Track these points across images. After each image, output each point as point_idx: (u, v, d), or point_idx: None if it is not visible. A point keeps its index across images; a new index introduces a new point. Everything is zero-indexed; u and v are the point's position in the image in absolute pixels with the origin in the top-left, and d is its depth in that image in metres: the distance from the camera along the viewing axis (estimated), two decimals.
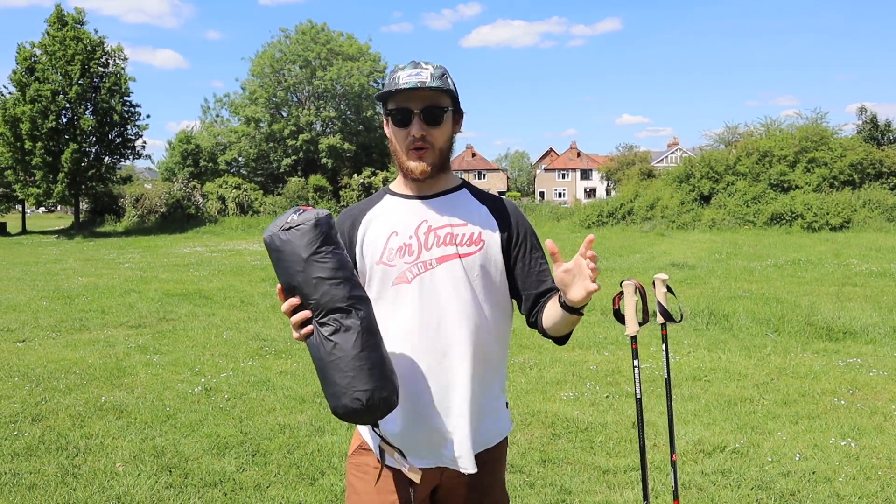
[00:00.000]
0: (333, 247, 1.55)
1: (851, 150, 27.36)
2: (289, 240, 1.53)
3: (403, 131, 1.78)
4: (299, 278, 1.52)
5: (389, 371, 1.58)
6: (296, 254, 1.52)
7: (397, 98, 1.77)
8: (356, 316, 1.53)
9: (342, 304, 1.52)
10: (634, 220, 28.91)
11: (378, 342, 1.57)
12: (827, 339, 7.54)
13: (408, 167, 1.80)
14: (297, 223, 1.54)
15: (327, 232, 1.55)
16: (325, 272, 1.52)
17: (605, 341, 7.57)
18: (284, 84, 48.06)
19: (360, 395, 1.52)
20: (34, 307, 10.33)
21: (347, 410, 1.54)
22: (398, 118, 1.78)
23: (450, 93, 1.80)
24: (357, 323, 1.53)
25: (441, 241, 1.81)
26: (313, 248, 1.52)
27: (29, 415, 5.22)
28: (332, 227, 1.57)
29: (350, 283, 1.55)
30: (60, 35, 31.89)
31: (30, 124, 30.65)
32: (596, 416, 5.08)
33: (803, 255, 15.77)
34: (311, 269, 1.51)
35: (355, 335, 1.52)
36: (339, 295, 1.52)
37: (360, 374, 1.52)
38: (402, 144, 1.80)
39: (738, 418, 5.02)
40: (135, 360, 6.98)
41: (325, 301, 1.52)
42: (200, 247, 23.68)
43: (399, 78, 1.76)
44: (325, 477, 4.07)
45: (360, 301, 1.56)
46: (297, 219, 1.54)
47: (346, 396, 1.53)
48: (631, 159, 48.67)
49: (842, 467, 4.09)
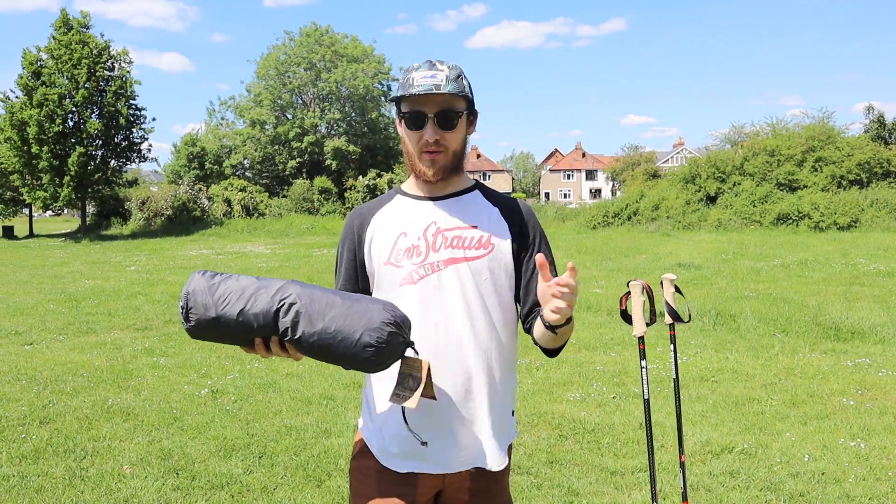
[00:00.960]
0: (221, 286, 1.57)
1: (859, 149, 27.24)
2: (196, 319, 1.57)
3: (417, 134, 1.76)
4: (234, 328, 1.55)
5: (368, 301, 1.59)
6: (210, 319, 1.55)
7: (411, 101, 1.75)
8: (293, 303, 1.54)
9: (275, 305, 1.54)
10: (640, 220, 28.83)
11: (331, 299, 1.56)
12: (835, 340, 7.50)
13: (420, 170, 1.79)
14: (183, 306, 1.58)
15: (204, 286, 1.57)
16: (240, 304, 1.54)
17: (611, 342, 7.55)
18: (289, 86, 48.17)
19: (362, 340, 1.52)
20: (41, 310, 10.36)
21: (374, 359, 1.54)
22: (412, 121, 1.76)
23: (465, 96, 1.77)
24: (298, 305, 1.54)
25: (449, 243, 1.80)
26: (214, 306, 1.55)
27: (36, 417, 5.23)
28: (207, 276, 1.60)
29: (263, 289, 1.56)
30: (66, 39, 32.00)
31: (36, 128, 30.74)
32: (603, 417, 5.06)
33: (810, 255, 15.70)
34: (230, 315, 1.54)
35: (307, 316, 1.53)
36: (264, 304, 1.54)
37: (347, 334, 1.52)
38: (415, 147, 1.78)
39: (746, 419, 4.99)
40: (142, 362, 6.99)
41: (264, 320, 1.54)
42: (206, 249, 23.73)
43: (413, 79, 1.73)
44: (331, 479, 4.06)
45: (283, 289, 1.56)
46: (182, 302, 1.58)
47: (363, 352, 1.53)
48: (636, 160, 48.53)
49: (851, 468, 4.07)
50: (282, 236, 30.61)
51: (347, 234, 1.91)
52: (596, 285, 11.89)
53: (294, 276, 14.31)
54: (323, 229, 32.37)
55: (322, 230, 32.19)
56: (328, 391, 5.78)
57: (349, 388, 5.85)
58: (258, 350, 1.60)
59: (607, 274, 13.63)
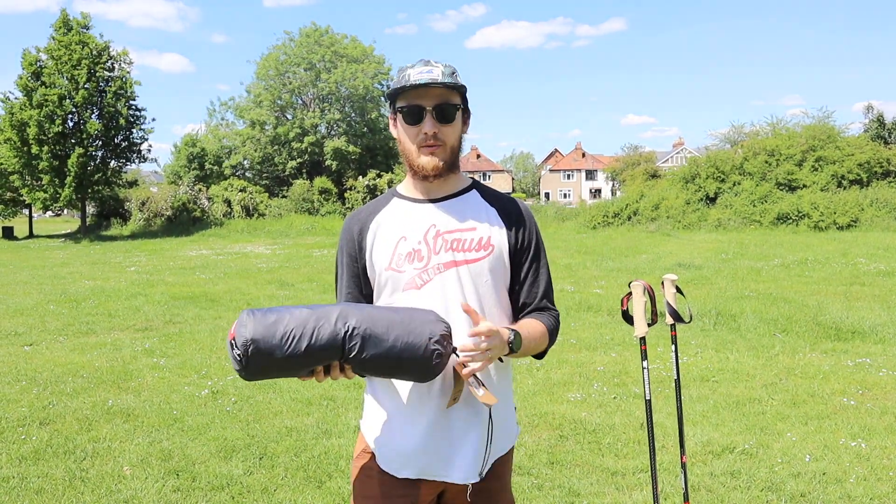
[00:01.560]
0: (279, 325, 1.55)
1: (858, 148, 27.25)
2: (259, 366, 1.55)
3: (415, 129, 1.77)
4: (300, 363, 1.56)
5: (419, 314, 1.63)
6: (276, 360, 1.54)
7: (409, 95, 1.75)
8: (356, 328, 1.56)
9: (340, 333, 1.55)
10: (640, 220, 28.83)
11: (389, 318, 1.59)
12: (835, 339, 7.50)
13: (419, 164, 1.78)
14: (242, 355, 1.55)
15: (262, 330, 1.55)
16: (305, 340, 1.54)
17: (611, 342, 7.54)
18: (289, 87, 48.16)
19: (429, 350, 1.57)
20: (41, 311, 10.36)
21: (436, 365, 1.60)
22: (410, 115, 1.76)
23: (460, 90, 1.78)
24: (361, 330, 1.56)
25: (450, 245, 1.79)
26: (279, 347, 1.53)
27: (36, 418, 5.22)
28: (258, 317, 1.58)
29: (322, 318, 1.56)
30: (66, 40, 31.99)
31: (36, 129, 30.73)
32: (603, 418, 5.06)
33: (810, 255, 15.70)
34: (298, 351, 1.53)
35: (371, 339, 1.55)
36: (328, 335, 1.54)
37: (414, 348, 1.57)
38: (414, 142, 1.78)
39: (746, 419, 4.99)
40: (142, 363, 6.99)
41: (331, 350, 1.55)
42: (206, 249, 23.72)
43: (409, 75, 1.74)
44: (332, 480, 4.06)
45: (343, 316, 1.57)
46: (240, 351, 1.55)
47: (429, 362, 1.58)
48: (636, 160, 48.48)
49: (852, 468, 4.06)
50: (282, 237, 30.60)
51: (347, 241, 1.90)
52: (596, 285, 11.88)
53: (294, 276, 14.32)
54: (323, 230, 32.37)
55: (322, 230, 32.19)
56: (328, 392, 5.77)
57: (349, 389, 5.84)
58: (316, 377, 1.61)
59: (607, 274, 13.63)
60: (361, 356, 1.56)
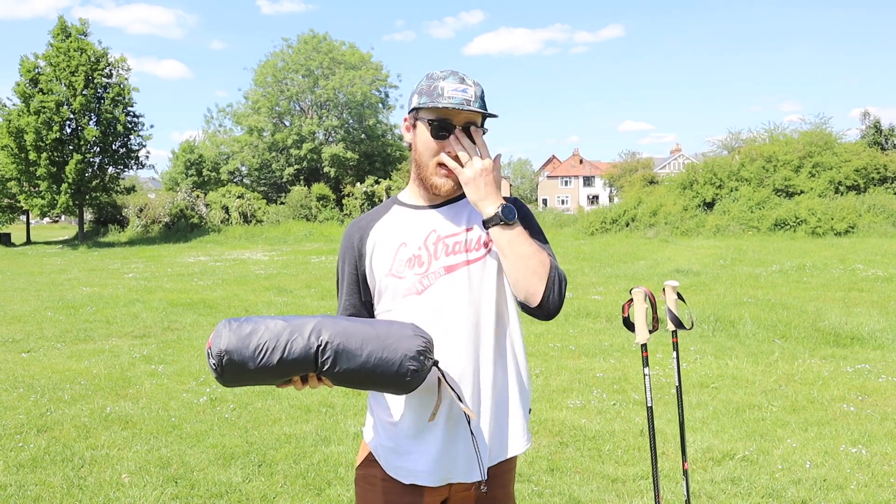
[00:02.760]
0: (254, 336, 1.55)
1: (856, 154, 27.32)
2: (234, 375, 1.57)
3: (440, 144, 1.75)
4: (274, 374, 1.57)
5: (397, 329, 1.61)
6: (249, 372, 1.56)
7: (440, 110, 1.73)
8: (329, 342, 1.56)
9: (313, 348, 1.55)
10: (638, 226, 28.85)
11: (364, 333, 1.59)
12: (834, 345, 7.50)
13: (433, 183, 1.78)
14: (217, 365, 1.56)
15: (236, 341, 1.55)
16: (278, 353, 1.55)
17: (610, 349, 7.54)
18: (287, 93, 48.26)
19: (403, 367, 1.56)
20: (39, 317, 10.33)
21: (412, 381, 1.59)
22: (438, 130, 1.74)
23: (486, 116, 1.78)
24: (334, 344, 1.56)
25: (450, 249, 1.78)
26: (252, 358, 1.54)
27: (34, 426, 5.20)
28: (234, 328, 1.57)
29: (296, 332, 1.57)
30: (64, 46, 32.03)
31: (34, 135, 30.74)
32: (603, 424, 5.05)
33: (808, 261, 15.71)
34: (270, 363, 1.55)
35: (344, 353, 1.56)
36: (301, 348, 1.55)
37: (387, 364, 1.56)
38: (433, 156, 1.76)
39: (746, 425, 4.98)
40: (140, 370, 6.96)
41: (303, 363, 1.56)
42: (204, 256, 23.70)
43: (443, 90, 1.72)
44: (331, 487, 4.04)
45: (316, 330, 1.57)
46: (215, 361, 1.56)
47: (403, 379, 1.57)
48: (634, 166, 48.70)
49: (853, 475, 4.05)
50: (279, 243, 30.58)
51: (347, 249, 1.89)
52: (595, 292, 11.87)
53: (292, 282, 14.30)
54: (321, 236, 32.36)
55: (320, 237, 32.18)
56: (327, 399, 5.76)
57: (348, 396, 5.83)
58: (294, 385, 1.62)
59: (606, 280, 13.63)
60: (335, 370, 1.56)
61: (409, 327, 1.62)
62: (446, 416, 1.74)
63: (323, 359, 1.55)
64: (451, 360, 1.73)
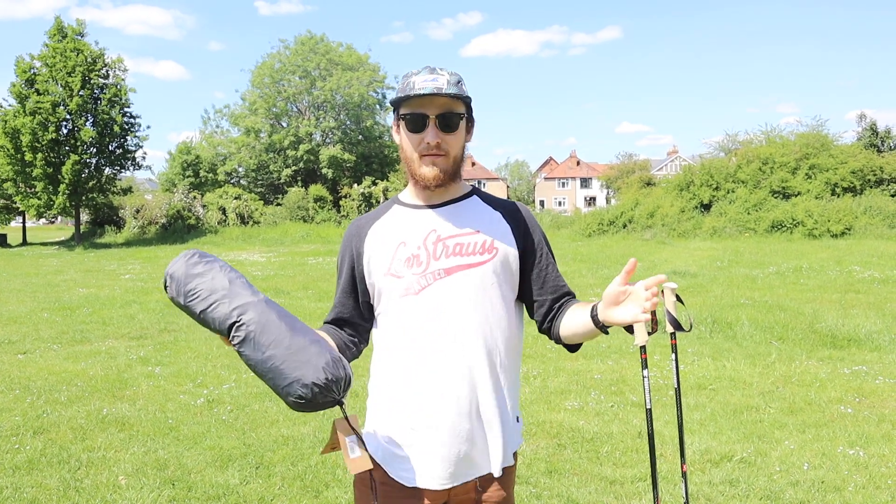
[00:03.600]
0: (197, 279, 1.62)
1: (852, 156, 27.37)
2: (171, 297, 1.65)
3: (417, 137, 1.74)
4: (197, 320, 1.63)
5: (314, 354, 1.56)
6: (179, 305, 1.64)
7: (413, 103, 1.73)
8: (245, 324, 1.56)
9: (230, 320, 1.57)
10: (635, 228, 28.88)
11: (280, 336, 1.56)
12: (831, 347, 7.51)
13: (420, 174, 1.76)
14: (164, 281, 1.67)
15: (182, 273, 1.63)
16: (202, 305, 1.59)
17: (608, 350, 7.54)
18: (284, 94, 48.21)
19: (292, 389, 1.53)
20: (35, 319, 10.30)
21: (297, 406, 1.56)
22: (412, 123, 1.74)
23: (465, 100, 1.76)
24: (248, 329, 1.56)
25: (451, 251, 1.77)
26: (183, 295, 1.62)
27: (30, 428, 5.18)
28: (191, 262, 1.65)
29: (228, 298, 1.59)
30: (61, 47, 31.97)
31: (30, 136, 30.68)
32: (601, 426, 5.05)
33: (805, 263, 15.74)
34: (194, 310, 1.61)
35: (252, 342, 1.55)
36: (222, 314, 1.58)
37: (281, 376, 1.54)
38: (416, 150, 1.76)
39: (744, 427, 4.98)
40: (136, 371, 6.95)
41: (220, 326, 1.58)
42: None
43: (414, 83, 1.72)
44: (329, 489, 4.03)
45: (244, 307, 1.58)
46: (164, 278, 1.67)
47: (288, 397, 1.55)
48: (631, 167, 48.77)
49: (851, 476, 4.06)
50: (277, 244, 30.56)
51: (346, 247, 1.89)
52: (592, 293, 11.88)
53: (289, 284, 14.28)
54: (318, 237, 32.34)
55: (317, 238, 32.16)
56: None
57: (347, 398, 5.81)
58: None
59: (603, 282, 13.63)
60: (239, 350, 1.57)
61: (328, 357, 1.56)
62: (450, 419, 1.73)
63: (233, 335, 1.56)
64: (446, 362, 1.72)
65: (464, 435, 1.74)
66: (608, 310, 1.64)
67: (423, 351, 1.73)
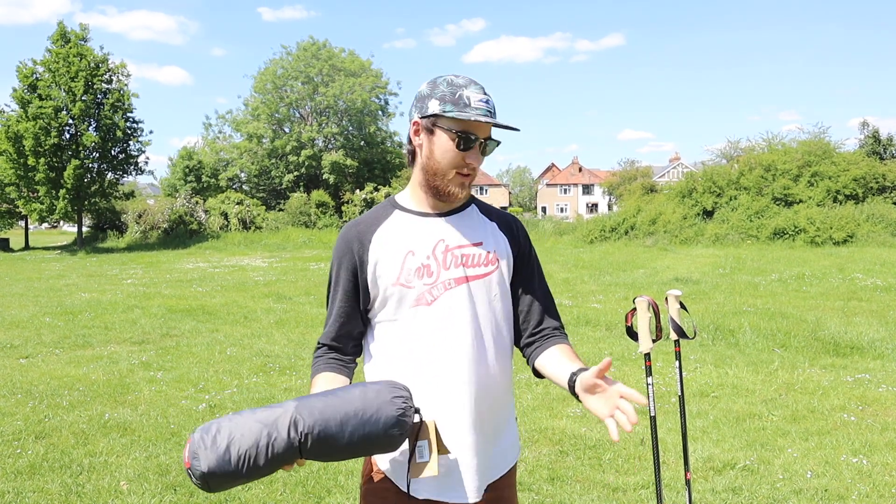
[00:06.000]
0: (229, 448, 1.48)
1: (854, 164, 27.37)
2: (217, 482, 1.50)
3: (460, 155, 1.72)
4: (263, 473, 1.52)
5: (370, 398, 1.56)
6: (237, 479, 1.50)
7: (465, 121, 1.70)
8: (308, 435, 1.52)
9: (295, 444, 1.51)
10: (637, 234, 28.87)
11: (344, 414, 1.53)
12: (834, 355, 7.49)
13: (450, 190, 1.75)
14: (202, 486, 1.50)
15: (214, 458, 1.48)
16: (261, 460, 1.49)
17: (610, 357, 7.51)
18: (286, 100, 48.36)
19: (387, 436, 1.55)
20: (37, 323, 10.30)
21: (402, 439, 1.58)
22: (464, 142, 1.71)
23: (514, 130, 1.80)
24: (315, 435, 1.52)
25: (459, 261, 1.77)
26: (234, 473, 1.49)
27: (32, 432, 5.18)
28: (209, 447, 1.49)
29: (272, 434, 1.50)
30: (64, 52, 32.04)
31: (32, 141, 30.72)
32: (604, 433, 5.03)
33: (807, 270, 15.72)
34: (256, 475, 1.51)
35: (326, 440, 1.52)
36: (283, 447, 1.50)
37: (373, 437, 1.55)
38: (452, 166, 1.73)
39: (747, 435, 4.97)
40: (138, 376, 6.94)
41: (290, 458, 1.52)
42: (203, 262, 23.67)
43: (469, 99, 1.69)
44: (331, 496, 4.02)
45: (293, 424, 1.51)
46: (199, 483, 1.50)
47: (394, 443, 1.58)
48: (633, 174, 48.77)
49: (854, 485, 4.04)
50: (279, 250, 30.57)
51: (345, 254, 1.82)
52: (594, 300, 11.87)
53: (291, 289, 14.28)
54: (320, 243, 32.35)
55: (319, 244, 32.17)
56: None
57: None
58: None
59: (605, 289, 13.62)
60: (318, 457, 1.54)
61: (387, 389, 1.57)
62: (463, 429, 1.73)
63: (307, 448, 1.51)
64: (455, 372, 1.73)
65: (477, 443, 1.75)
66: (582, 393, 1.63)
67: (437, 360, 1.73)
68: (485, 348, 1.77)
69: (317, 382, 1.79)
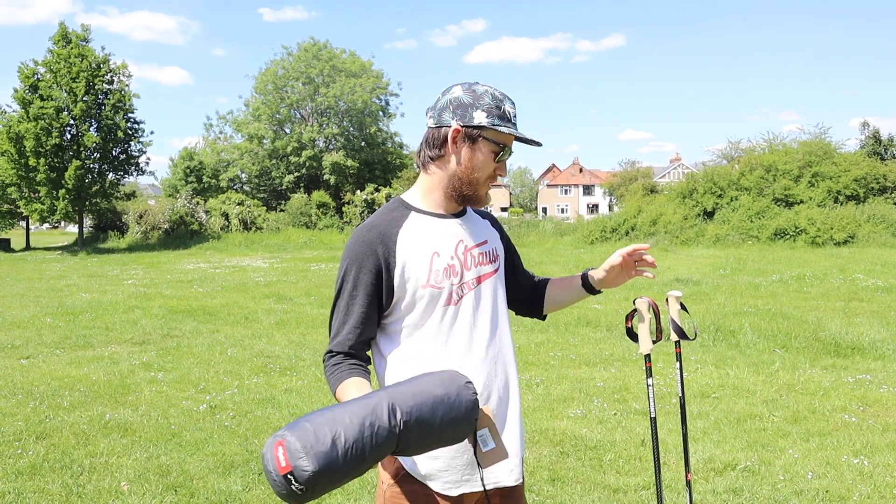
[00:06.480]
0: (335, 443, 1.39)
1: (855, 164, 27.37)
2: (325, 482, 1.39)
3: (493, 165, 1.81)
4: (362, 470, 1.45)
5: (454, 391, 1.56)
6: (341, 478, 1.42)
7: (502, 133, 1.79)
8: (406, 422, 1.48)
9: (396, 430, 1.46)
10: (637, 235, 28.87)
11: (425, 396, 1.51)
12: (835, 355, 7.48)
13: (481, 196, 1.85)
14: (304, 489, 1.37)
15: (324, 463, 1.37)
16: (367, 451, 1.42)
17: (611, 358, 7.52)
18: (287, 101, 48.37)
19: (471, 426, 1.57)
20: (38, 324, 10.31)
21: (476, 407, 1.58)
22: (501, 153, 1.80)
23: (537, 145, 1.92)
24: (410, 420, 1.48)
25: (477, 260, 1.86)
26: (343, 469, 1.40)
27: (33, 433, 5.18)
28: (310, 452, 1.37)
29: (371, 425, 1.43)
30: (65, 53, 32.06)
31: (33, 141, 30.74)
32: (604, 434, 5.03)
33: (808, 271, 15.71)
34: (359, 468, 1.43)
35: (421, 425, 1.49)
36: (385, 437, 1.44)
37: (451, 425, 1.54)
38: (486, 173, 1.82)
39: (748, 436, 4.96)
40: (139, 377, 6.95)
41: (387, 449, 1.46)
42: (204, 263, 23.68)
43: (509, 114, 1.80)
44: (332, 497, 4.02)
45: (391, 410, 1.47)
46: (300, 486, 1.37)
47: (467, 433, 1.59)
48: (633, 175, 48.74)
49: (855, 486, 4.04)
50: (279, 250, 30.57)
51: (368, 256, 1.76)
52: (594, 301, 11.86)
53: (292, 290, 14.28)
54: (321, 244, 32.36)
55: (320, 244, 32.17)
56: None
57: None
58: None
59: (606, 291, 13.59)
60: (408, 446, 1.49)
61: (456, 376, 1.57)
62: (500, 421, 1.83)
63: (404, 437, 1.47)
64: (490, 365, 1.82)
65: (514, 432, 1.86)
66: (600, 278, 2.03)
67: (469, 356, 1.80)
68: (501, 343, 1.87)
69: (347, 388, 1.70)
